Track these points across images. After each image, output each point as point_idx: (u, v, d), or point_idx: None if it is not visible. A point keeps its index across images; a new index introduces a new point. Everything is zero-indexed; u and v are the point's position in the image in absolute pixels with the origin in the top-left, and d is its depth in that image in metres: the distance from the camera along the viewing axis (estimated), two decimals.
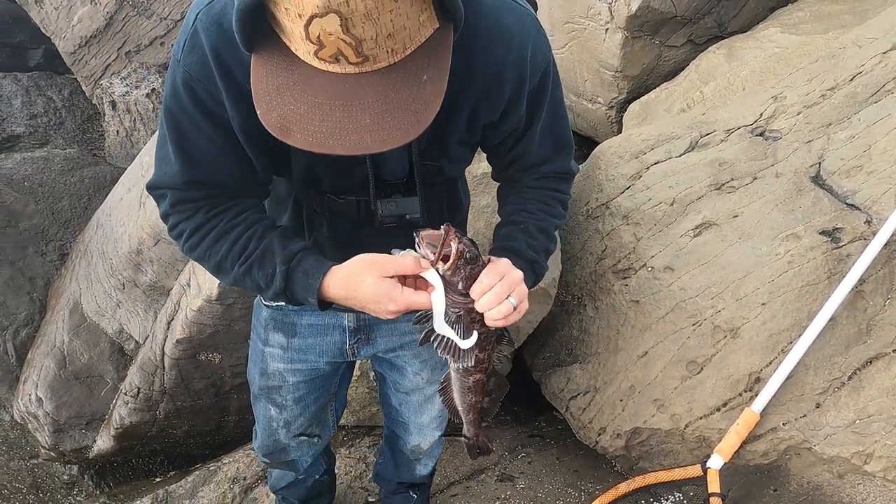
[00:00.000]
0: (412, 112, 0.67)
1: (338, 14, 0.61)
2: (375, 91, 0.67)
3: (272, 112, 0.68)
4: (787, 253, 1.76)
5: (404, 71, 0.67)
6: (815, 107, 2.04)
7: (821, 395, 1.63)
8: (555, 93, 0.97)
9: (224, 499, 1.89)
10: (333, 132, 0.67)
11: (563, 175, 1.08)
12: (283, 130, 0.68)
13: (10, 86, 4.11)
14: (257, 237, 0.94)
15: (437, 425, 1.49)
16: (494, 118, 0.93)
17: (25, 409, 2.32)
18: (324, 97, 0.67)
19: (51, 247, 2.82)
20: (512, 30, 0.87)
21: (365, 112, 0.67)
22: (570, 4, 2.97)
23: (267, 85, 0.69)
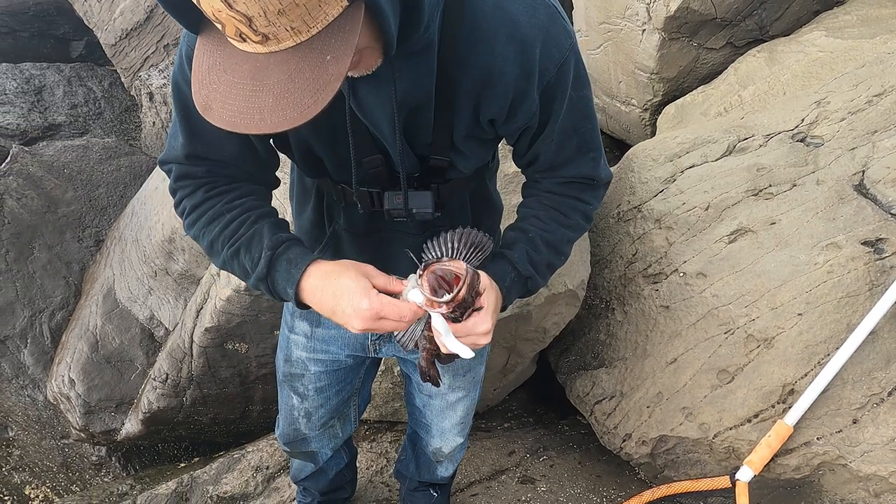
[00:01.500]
0: (311, 92, 0.67)
1: None
2: (280, 71, 0.67)
3: (201, 91, 0.71)
4: (827, 263, 1.71)
5: (309, 50, 0.67)
6: (861, 113, 1.97)
7: (858, 411, 1.58)
8: (578, 92, 0.91)
9: (247, 486, 1.91)
10: (241, 111, 0.68)
11: (587, 182, 1.00)
12: (205, 109, 0.70)
13: (53, 76, 4.23)
14: (250, 222, 0.94)
15: (458, 431, 1.47)
16: (501, 115, 0.89)
17: (58, 390, 2.38)
18: (238, 77, 0.69)
19: (87, 233, 2.89)
20: (516, 20, 0.82)
21: (269, 92, 0.68)
22: (607, 4, 2.93)
23: (201, 65, 0.71)
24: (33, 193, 2.82)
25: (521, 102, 0.88)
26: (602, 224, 2.23)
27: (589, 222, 1.03)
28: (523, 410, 2.39)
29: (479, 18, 0.82)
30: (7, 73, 4.07)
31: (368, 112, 0.89)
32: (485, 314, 0.85)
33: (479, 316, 0.85)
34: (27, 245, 2.73)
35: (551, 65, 0.86)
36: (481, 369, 1.39)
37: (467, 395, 1.39)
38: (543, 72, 0.86)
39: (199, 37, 0.73)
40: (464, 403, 1.40)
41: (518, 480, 1.96)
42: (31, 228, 2.77)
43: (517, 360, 2.04)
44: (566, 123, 0.93)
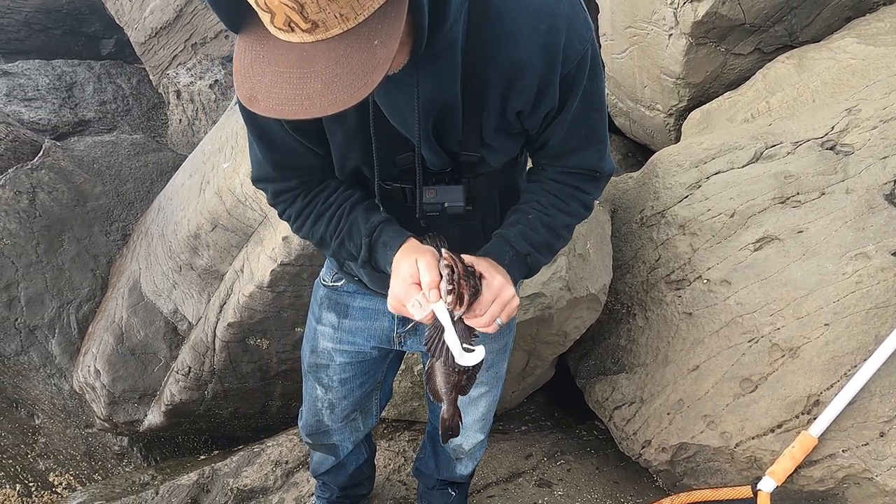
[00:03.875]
0: (360, 75, 0.69)
1: None
2: (327, 57, 0.69)
3: (244, 84, 0.72)
4: (856, 273, 1.68)
5: (356, 37, 0.69)
6: (893, 121, 1.94)
7: (886, 424, 1.55)
8: (592, 84, 0.92)
9: (266, 480, 1.93)
10: (289, 99, 0.70)
11: (589, 173, 1.02)
12: (250, 100, 0.72)
13: (84, 73, 4.32)
14: (346, 213, 1.02)
15: (479, 427, 1.48)
16: (528, 106, 0.91)
17: (84, 380, 2.43)
18: (285, 66, 0.71)
19: (115, 227, 2.94)
20: (540, 13, 0.84)
21: (317, 79, 0.69)
22: (633, 9, 2.92)
23: (243, 60, 0.73)
24: (64, 187, 2.89)
25: (546, 93, 0.89)
26: (625, 229, 2.22)
27: (588, 211, 1.06)
28: (541, 414, 2.38)
29: (504, 13, 0.83)
30: (40, 69, 4.17)
31: (396, 115, 0.91)
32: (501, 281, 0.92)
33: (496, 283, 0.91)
34: (57, 237, 2.80)
35: (573, 55, 0.87)
36: (504, 366, 1.40)
37: (490, 390, 1.40)
38: (566, 62, 0.87)
39: (240, 35, 0.74)
40: (486, 399, 1.41)
41: (535, 484, 1.95)
42: (61, 221, 2.83)
43: (536, 363, 2.04)
44: (577, 112, 0.94)
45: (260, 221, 2.20)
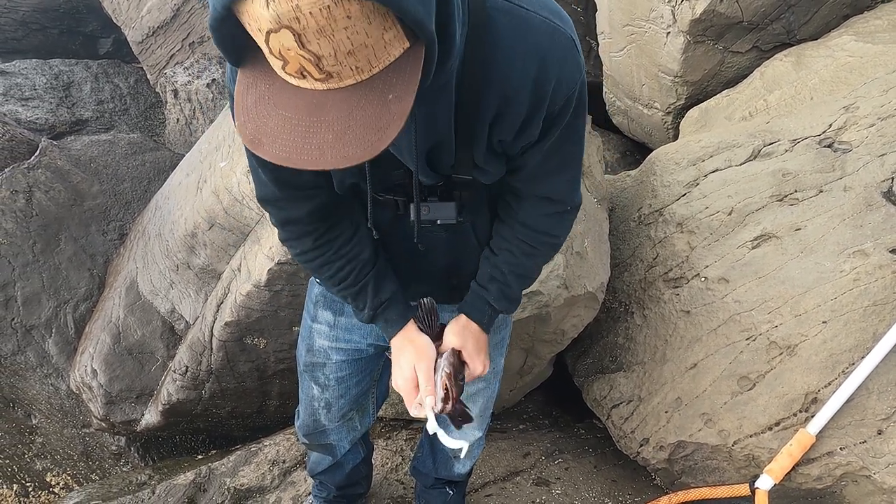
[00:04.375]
0: (374, 130, 0.67)
1: (290, 30, 0.61)
2: (340, 108, 0.67)
3: (248, 125, 0.70)
4: (853, 270, 1.68)
5: (370, 89, 0.67)
6: (891, 119, 1.94)
7: (884, 422, 1.55)
8: (575, 120, 0.94)
9: (263, 479, 1.92)
10: (297, 147, 0.68)
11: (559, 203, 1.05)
12: (254, 142, 0.69)
13: (81, 72, 4.31)
14: (355, 273, 1.09)
15: (476, 425, 1.48)
16: (510, 136, 0.92)
17: (81, 380, 2.42)
18: (292, 112, 0.68)
19: (112, 226, 2.94)
20: (533, 53, 0.84)
21: (328, 129, 0.67)
22: (631, 7, 2.92)
23: (246, 98, 0.70)
24: (60, 186, 2.88)
25: (529, 126, 0.91)
26: (623, 227, 2.21)
27: (557, 250, 1.14)
28: (539, 412, 2.38)
29: (497, 52, 0.84)
30: (37, 68, 4.16)
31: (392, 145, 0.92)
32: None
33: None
34: (54, 237, 2.79)
35: (560, 97, 0.89)
36: (501, 361, 1.40)
37: (487, 386, 1.40)
38: (552, 103, 0.89)
39: (241, 70, 0.72)
40: (483, 395, 1.41)
41: (533, 482, 1.95)
42: (57, 221, 2.82)
43: (534, 362, 2.04)
44: (555, 143, 0.96)
45: (257, 220, 2.20)
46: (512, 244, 1.08)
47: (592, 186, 2.10)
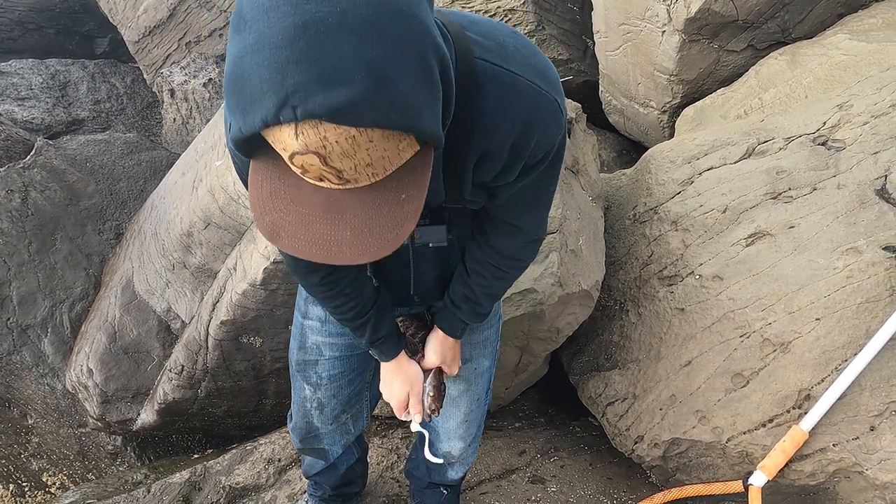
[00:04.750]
0: (390, 228, 0.71)
1: (317, 154, 0.64)
2: (356, 207, 0.70)
3: (265, 217, 0.72)
4: (847, 267, 1.69)
5: (384, 189, 0.70)
6: (884, 117, 1.94)
7: (876, 418, 1.55)
8: (552, 166, 0.99)
9: (259, 478, 1.92)
10: (316, 242, 0.71)
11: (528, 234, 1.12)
12: (273, 235, 0.72)
13: (78, 72, 4.31)
14: (358, 310, 1.17)
15: (464, 430, 1.47)
16: (488, 179, 0.97)
17: (77, 380, 2.42)
18: (310, 208, 0.70)
19: (108, 226, 2.93)
20: (517, 118, 0.87)
21: (346, 227, 0.70)
22: (627, 6, 2.92)
23: (262, 191, 0.72)
24: (56, 186, 2.88)
25: (506, 172, 0.95)
26: (618, 225, 2.22)
27: (524, 271, 1.22)
28: (535, 410, 2.38)
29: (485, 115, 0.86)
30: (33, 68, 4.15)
31: None
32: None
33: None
34: (49, 236, 2.79)
35: (539, 152, 0.93)
36: (484, 362, 1.40)
37: (469, 388, 1.39)
38: (531, 157, 0.93)
39: (253, 162, 0.73)
40: (466, 399, 1.40)
41: (528, 480, 1.95)
42: (53, 220, 2.82)
43: (529, 360, 2.04)
44: (530, 182, 1.01)
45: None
46: (484, 268, 1.16)
47: (587, 185, 2.11)
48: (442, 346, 1.24)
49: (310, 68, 0.59)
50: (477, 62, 0.83)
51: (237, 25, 0.64)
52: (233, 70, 0.64)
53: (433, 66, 0.66)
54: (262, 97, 0.61)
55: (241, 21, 0.63)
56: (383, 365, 1.26)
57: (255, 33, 0.61)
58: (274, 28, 0.60)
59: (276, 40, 0.60)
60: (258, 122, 0.62)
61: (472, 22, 0.87)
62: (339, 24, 0.60)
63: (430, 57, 0.66)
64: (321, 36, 0.59)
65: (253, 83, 0.61)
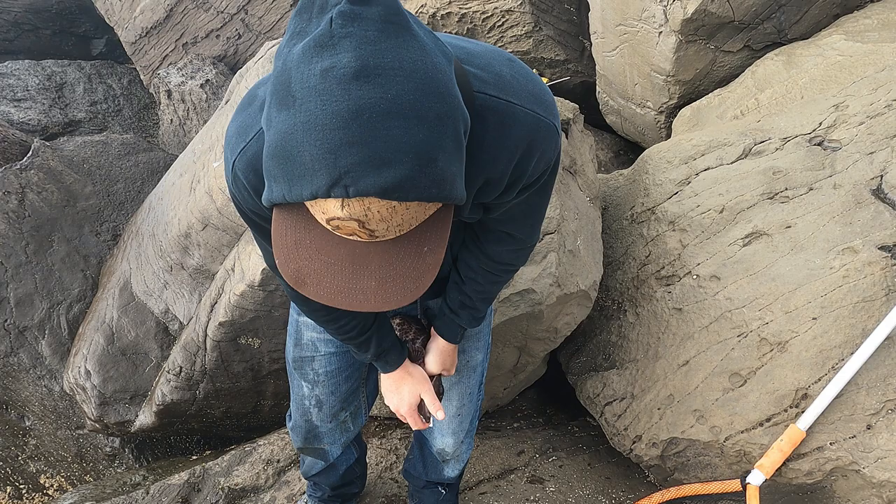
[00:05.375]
0: (413, 279, 0.74)
1: (357, 220, 0.68)
2: (381, 259, 0.73)
3: (289, 264, 0.75)
4: (843, 267, 1.70)
5: (407, 242, 0.73)
6: (880, 117, 1.95)
7: (873, 417, 1.56)
8: (546, 183, 1.03)
9: (258, 479, 1.92)
10: (342, 290, 0.74)
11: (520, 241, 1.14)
12: (298, 282, 0.75)
13: (74, 73, 4.30)
14: (359, 328, 1.19)
15: (458, 425, 1.48)
16: (489, 200, 1.01)
17: (74, 381, 2.42)
18: (335, 258, 0.73)
19: (105, 227, 2.93)
20: (517, 145, 0.90)
21: (371, 277, 0.73)
22: (624, 6, 2.93)
23: (286, 239, 0.74)
24: (53, 187, 2.87)
25: (506, 193, 0.99)
26: (615, 226, 2.22)
27: (514, 274, 1.27)
28: (533, 410, 2.38)
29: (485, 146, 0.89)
30: (29, 69, 4.14)
31: None
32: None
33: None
34: (47, 238, 2.78)
35: (536, 172, 0.97)
36: (477, 355, 1.41)
37: (460, 380, 1.40)
38: (529, 178, 0.97)
39: (276, 210, 0.75)
40: (458, 392, 1.41)
41: (527, 480, 1.96)
42: (50, 222, 2.81)
43: (528, 360, 2.04)
44: (525, 197, 1.04)
45: None
46: (478, 274, 1.19)
47: (585, 185, 2.11)
48: (442, 353, 1.27)
49: (361, 151, 0.63)
50: (476, 96, 0.86)
51: (284, 99, 0.66)
52: (280, 142, 0.66)
53: (462, 134, 0.72)
54: (313, 173, 0.64)
55: (288, 97, 0.66)
56: (386, 375, 1.28)
57: (306, 113, 0.64)
58: (327, 111, 0.63)
59: (330, 123, 0.63)
60: (306, 195, 0.66)
61: (471, 54, 0.89)
62: (388, 110, 0.64)
63: (461, 128, 0.71)
64: (373, 121, 0.63)
65: (303, 159, 0.65)
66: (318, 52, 0.65)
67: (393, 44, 0.66)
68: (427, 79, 0.67)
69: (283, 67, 0.67)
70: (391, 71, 0.64)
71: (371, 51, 0.64)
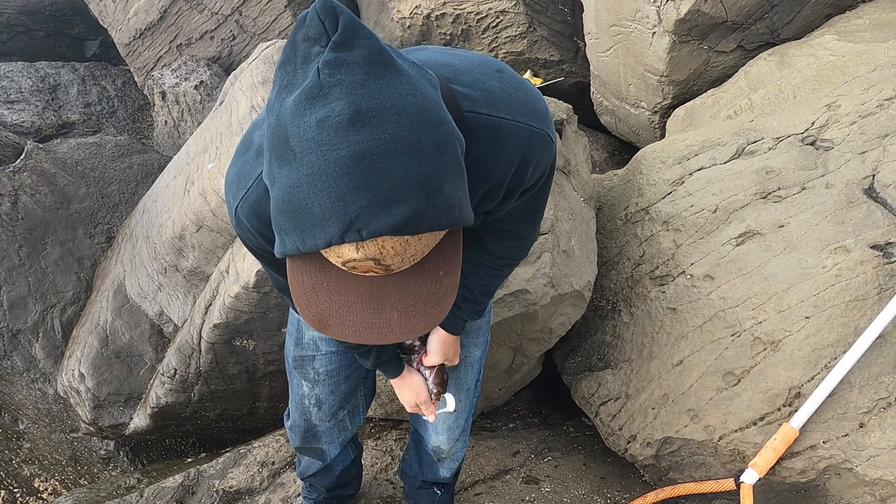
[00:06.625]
0: (433, 304, 0.76)
1: (372, 260, 0.69)
2: (400, 289, 0.74)
3: (310, 308, 0.76)
4: (835, 266, 1.70)
5: (423, 269, 0.74)
6: (872, 117, 1.96)
7: (865, 415, 1.57)
8: (543, 186, 1.05)
9: (253, 481, 1.92)
10: (366, 326, 0.75)
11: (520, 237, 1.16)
12: (321, 325, 0.76)
13: (68, 75, 4.28)
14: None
15: (451, 422, 1.48)
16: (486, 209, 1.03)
17: (68, 384, 2.41)
18: (355, 296, 0.75)
19: (99, 229, 2.92)
20: (511, 158, 0.91)
21: (393, 308, 0.75)
22: (617, 7, 2.94)
23: (303, 284, 0.76)
24: (47, 190, 2.86)
25: (504, 202, 1.01)
26: (609, 226, 2.23)
27: (516, 266, 1.28)
28: (529, 411, 2.39)
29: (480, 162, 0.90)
30: (23, 71, 4.13)
31: None
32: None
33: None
34: (40, 240, 2.77)
35: (532, 179, 0.98)
36: (476, 351, 1.42)
37: (457, 376, 1.41)
38: (526, 185, 0.99)
39: (290, 259, 0.76)
40: (454, 387, 1.42)
41: (522, 480, 1.96)
42: (44, 224, 2.80)
43: (523, 360, 2.05)
44: (523, 201, 1.06)
45: None
46: (479, 269, 1.20)
47: (579, 185, 2.12)
48: (444, 344, 1.29)
49: (368, 194, 0.64)
50: (466, 116, 0.86)
51: (284, 155, 0.67)
52: (287, 198, 0.67)
53: (461, 157, 0.73)
54: (324, 223, 0.66)
55: (287, 152, 0.66)
56: (391, 381, 1.34)
57: (309, 165, 0.65)
58: (328, 160, 0.64)
59: (333, 171, 0.64)
60: (321, 244, 0.67)
61: (458, 72, 0.89)
62: (388, 149, 0.65)
63: (458, 150, 0.72)
64: (375, 163, 0.64)
65: (313, 211, 0.66)
66: (311, 103, 0.65)
67: (381, 84, 0.66)
68: (420, 111, 0.67)
69: (278, 122, 0.68)
70: (384, 111, 0.65)
71: (362, 94, 0.65)
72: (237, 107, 2.37)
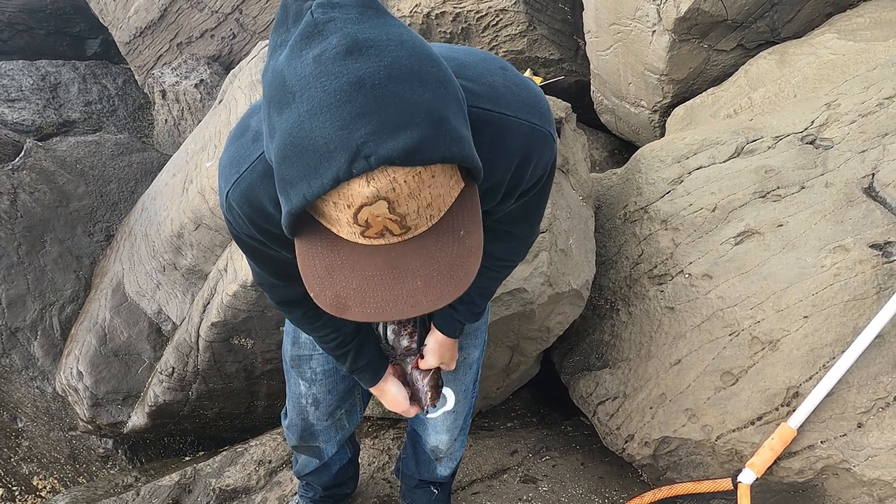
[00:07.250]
0: (459, 266, 0.71)
1: (385, 200, 0.64)
2: (420, 255, 0.70)
3: (326, 292, 0.71)
4: (834, 265, 1.70)
5: (442, 230, 0.70)
6: (871, 116, 1.95)
7: (863, 415, 1.56)
8: (544, 187, 1.03)
9: (249, 480, 1.92)
10: (388, 300, 0.70)
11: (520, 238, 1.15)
12: (339, 307, 0.71)
13: (69, 73, 4.28)
14: (339, 341, 1.19)
15: (450, 422, 1.48)
16: (487, 208, 1.01)
17: (67, 382, 2.41)
18: (373, 270, 0.70)
19: (98, 227, 2.92)
20: (513, 155, 0.90)
21: (415, 276, 0.70)
22: (617, 6, 2.93)
23: (316, 267, 0.71)
24: (46, 188, 2.86)
25: (505, 199, 1.00)
26: (608, 225, 2.22)
27: (514, 268, 1.25)
28: (527, 410, 2.38)
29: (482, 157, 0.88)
30: (23, 70, 4.13)
31: None
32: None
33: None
34: (39, 238, 2.77)
35: (534, 178, 0.97)
36: (474, 352, 1.41)
37: (456, 377, 1.40)
38: (527, 183, 0.97)
39: (298, 241, 0.72)
40: (453, 388, 1.41)
41: (520, 480, 1.96)
42: (43, 222, 2.81)
43: (520, 359, 2.04)
44: (524, 201, 1.05)
45: None
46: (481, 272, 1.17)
47: (577, 184, 2.11)
48: (441, 346, 1.27)
49: (373, 119, 0.61)
50: (470, 110, 0.85)
51: (282, 100, 0.64)
52: (289, 140, 0.64)
53: (462, 102, 0.71)
54: (329, 156, 0.62)
55: (286, 95, 0.64)
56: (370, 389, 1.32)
57: (309, 100, 0.62)
58: (328, 90, 0.61)
59: (334, 101, 0.61)
60: (328, 181, 0.63)
61: (463, 66, 0.88)
62: (389, 75, 0.62)
63: (460, 95, 0.70)
64: (376, 89, 0.62)
65: (317, 146, 0.62)
66: (306, 43, 0.64)
67: (376, 23, 0.65)
68: (418, 46, 0.66)
69: (274, 74, 0.66)
70: (381, 42, 0.64)
71: (357, 29, 0.64)
72: (236, 105, 2.37)
